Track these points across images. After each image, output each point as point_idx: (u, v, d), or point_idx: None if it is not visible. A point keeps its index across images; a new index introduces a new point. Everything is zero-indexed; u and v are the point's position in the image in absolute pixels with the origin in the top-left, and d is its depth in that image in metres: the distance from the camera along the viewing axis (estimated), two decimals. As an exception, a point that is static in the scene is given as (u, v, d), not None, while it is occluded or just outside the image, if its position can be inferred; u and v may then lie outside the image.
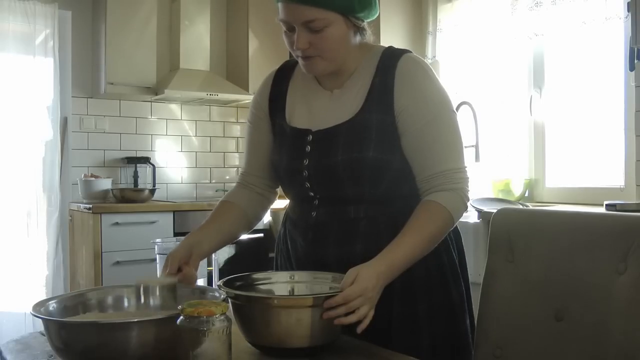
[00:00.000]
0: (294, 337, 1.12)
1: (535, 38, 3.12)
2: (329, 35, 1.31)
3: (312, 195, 1.41)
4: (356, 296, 1.14)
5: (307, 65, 1.37)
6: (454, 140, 1.37)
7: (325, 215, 1.40)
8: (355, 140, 1.34)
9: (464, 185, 1.35)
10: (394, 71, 1.36)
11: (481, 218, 2.68)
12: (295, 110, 1.46)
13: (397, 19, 3.79)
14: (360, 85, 1.39)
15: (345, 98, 1.40)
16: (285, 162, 1.43)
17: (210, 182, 4.53)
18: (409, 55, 1.40)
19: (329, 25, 1.30)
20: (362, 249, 1.34)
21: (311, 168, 1.38)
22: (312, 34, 1.31)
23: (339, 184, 1.36)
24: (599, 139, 3.04)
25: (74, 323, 1.11)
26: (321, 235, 1.40)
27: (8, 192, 3.76)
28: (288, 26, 1.33)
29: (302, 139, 1.41)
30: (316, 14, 1.28)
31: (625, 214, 1.28)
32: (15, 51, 3.74)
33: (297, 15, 1.29)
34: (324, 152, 1.37)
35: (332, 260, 1.37)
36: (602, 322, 1.22)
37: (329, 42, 1.32)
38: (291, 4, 1.29)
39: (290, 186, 1.46)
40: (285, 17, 1.32)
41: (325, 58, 1.35)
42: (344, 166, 1.34)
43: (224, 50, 4.52)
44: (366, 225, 1.38)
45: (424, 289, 1.38)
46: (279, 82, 1.52)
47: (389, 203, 1.38)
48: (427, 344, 1.37)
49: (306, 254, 1.43)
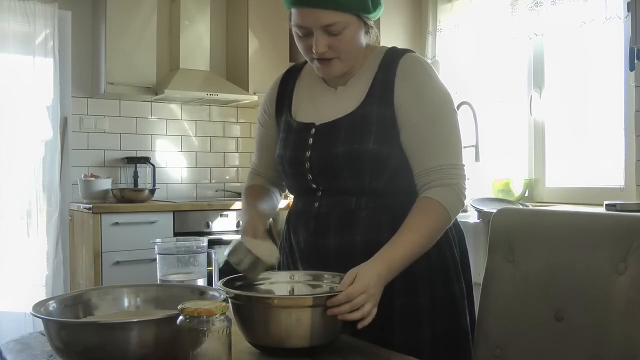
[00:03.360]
0: (294, 337, 1.12)
1: (535, 38, 3.12)
2: (348, 37, 1.34)
3: (315, 187, 1.44)
4: (358, 293, 1.15)
5: (324, 68, 1.39)
6: (452, 136, 1.38)
7: (327, 206, 1.42)
8: (355, 132, 1.36)
9: (460, 180, 1.36)
10: (395, 68, 1.39)
11: (481, 218, 2.68)
12: (301, 106, 1.49)
13: (397, 19, 3.79)
14: (363, 81, 1.42)
15: (349, 93, 1.43)
16: (289, 154, 1.46)
17: (210, 182, 4.53)
18: (412, 54, 1.43)
19: (347, 27, 1.32)
20: (362, 240, 1.36)
21: (313, 159, 1.41)
22: (331, 37, 1.32)
23: (340, 175, 1.38)
24: (598, 139, 3.04)
25: (74, 323, 1.11)
26: (323, 225, 1.42)
27: (8, 192, 3.75)
28: (305, 31, 1.34)
29: (306, 132, 1.44)
30: (336, 18, 1.30)
31: (625, 214, 1.28)
32: (15, 51, 3.74)
33: (316, 19, 1.30)
34: (326, 144, 1.40)
35: (332, 249, 1.39)
36: (602, 322, 1.22)
37: (347, 44, 1.35)
38: (309, 9, 1.30)
39: (294, 178, 1.48)
40: (302, 23, 1.32)
41: (342, 59, 1.37)
42: (344, 157, 1.36)
43: (224, 50, 4.52)
44: (366, 216, 1.39)
45: (426, 283, 1.39)
46: (286, 82, 1.55)
47: (390, 196, 1.40)
48: (427, 337, 1.38)
49: (308, 244, 1.45)
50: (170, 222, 3.68)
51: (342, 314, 1.14)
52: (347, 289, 1.15)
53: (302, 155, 1.43)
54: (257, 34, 4.23)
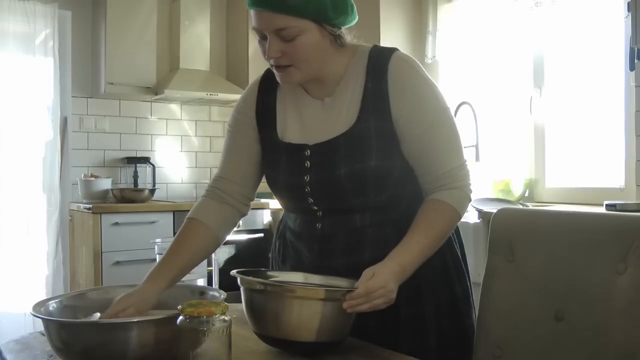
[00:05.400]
0: (303, 330, 1.12)
1: (535, 38, 3.12)
2: (302, 43, 1.25)
3: (315, 208, 1.39)
4: (377, 288, 1.16)
5: (282, 76, 1.32)
6: (453, 137, 1.37)
7: (330, 227, 1.38)
8: (356, 151, 1.32)
9: (467, 180, 1.37)
10: (385, 75, 1.32)
11: (481, 218, 2.68)
12: (287, 124, 1.41)
13: (397, 19, 3.79)
14: (351, 91, 1.35)
15: (339, 106, 1.35)
16: (284, 178, 1.39)
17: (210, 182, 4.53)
18: (398, 54, 1.35)
19: (301, 34, 1.24)
20: (370, 257, 1.31)
21: (313, 183, 1.35)
22: (284, 42, 1.25)
23: (344, 195, 1.34)
24: (599, 139, 3.04)
25: (73, 323, 1.11)
26: (328, 246, 1.38)
27: (8, 192, 3.75)
28: (260, 34, 1.28)
29: (299, 154, 1.37)
30: (288, 22, 1.23)
31: (625, 214, 1.28)
32: (15, 51, 3.74)
33: (268, 23, 1.24)
34: (325, 167, 1.34)
35: (340, 270, 1.35)
36: (601, 322, 1.22)
37: (302, 51, 1.26)
38: (262, 11, 1.24)
39: (291, 200, 1.44)
40: (256, 25, 1.27)
41: (299, 68, 1.29)
42: (347, 178, 1.32)
43: (224, 50, 4.52)
44: (373, 232, 1.36)
45: (430, 290, 1.38)
46: (265, 91, 1.46)
47: (393, 207, 1.37)
48: (434, 344, 1.37)
49: (314, 266, 1.39)
50: (170, 222, 3.68)
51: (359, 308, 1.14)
52: (367, 283, 1.16)
53: (301, 180, 1.36)
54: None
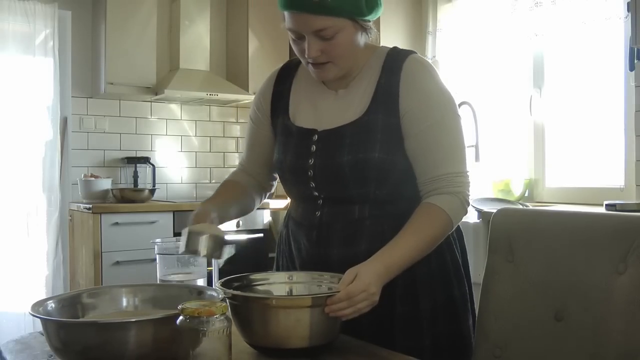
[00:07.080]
0: (293, 338, 1.12)
1: (535, 38, 3.12)
2: (341, 41, 1.30)
3: (317, 195, 1.41)
4: (359, 292, 1.15)
5: (319, 73, 1.36)
6: (456, 143, 1.36)
7: (329, 216, 1.39)
8: (361, 140, 1.34)
9: (465, 189, 1.35)
10: (399, 73, 1.36)
11: (481, 218, 2.68)
12: (299, 109, 1.45)
13: (397, 19, 3.79)
14: (365, 85, 1.38)
15: (351, 98, 1.39)
16: (290, 161, 1.42)
17: (210, 182, 4.53)
18: (414, 56, 1.39)
19: (339, 32, 1.29)
20: (367, 249, 1.32)
21: (316, 167, 1.38)
22: (323, 41, 1.29)
23: (345, 184, 1.36)
24: (598, 139, 3.04)
25: (72, 323, 1.11)
26: (325, 235, 1.40)
27: (8, 192, 3.75)
28: (297, 35, 1.31)
29: (307, 138, 1.40)
30: (326, 23, 1.26)
31: (625, 214, 1.28)
32: (15, 51, 3.74)
33: (307, 24, 1.27)
34: (330, 152, 1.36)
35: (336, 260, 1.36)
36: (601, 322, 1.22)
37: (341, 49, 1.31)
38: (300, 13, 1.27)
39: (294, 185, 1.45)
40: (294, 27, 1.30)
41: (336, 64, 1.34)
42: (350, 167, 1.33)
43: (224, 50, 4.52)
44: (371, 225, 1.37)
45: (426, 289, 1.38)
46: (281, 81, 1.51)
47: (394, 203, 1.38)
48: (429, 344, 1.37)
49: (310, 254, 1.42)
50: (170, 222, 3.68)
51: (341, 313, 1.13)
52: (348, 287, 1.15)
53: (305, 163, 1.39)
54: (257, 34, 4.23)
